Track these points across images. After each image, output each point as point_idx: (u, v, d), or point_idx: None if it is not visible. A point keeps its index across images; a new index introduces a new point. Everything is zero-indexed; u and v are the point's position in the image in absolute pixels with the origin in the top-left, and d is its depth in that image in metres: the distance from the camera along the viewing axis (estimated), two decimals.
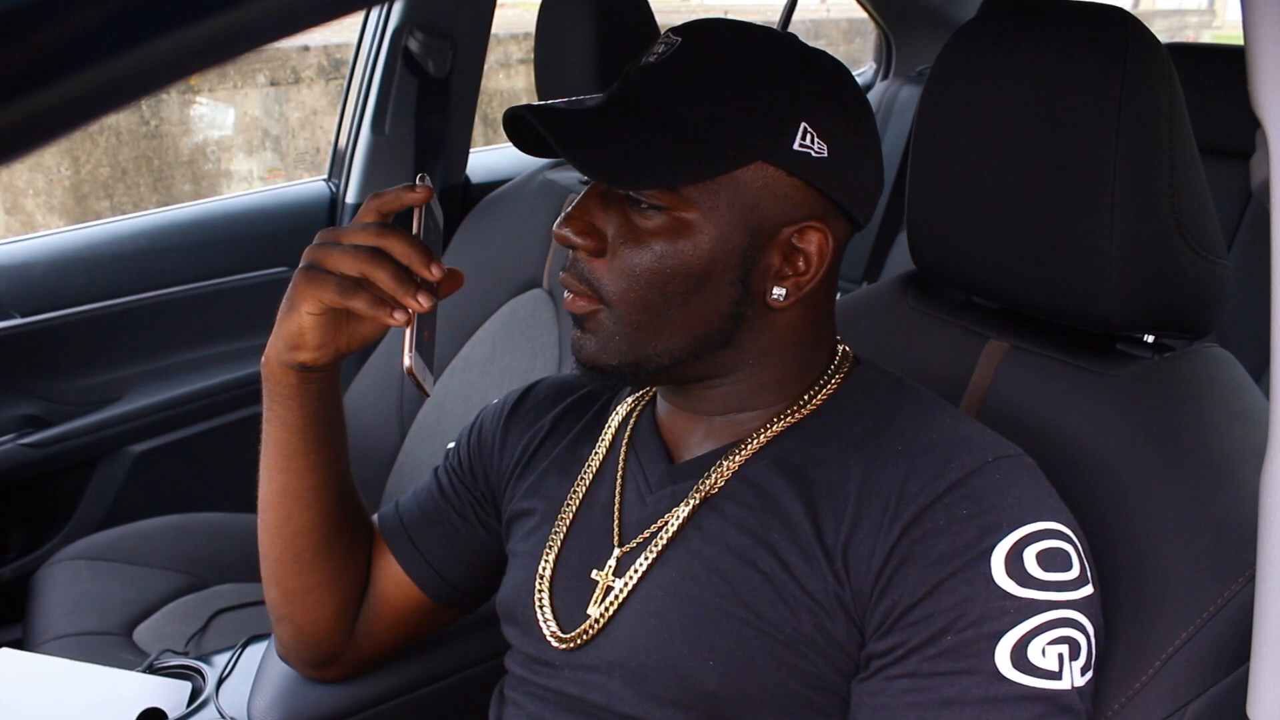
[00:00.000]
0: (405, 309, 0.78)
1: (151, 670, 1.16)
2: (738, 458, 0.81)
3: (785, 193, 0.75)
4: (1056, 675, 0.68)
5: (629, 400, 0.92)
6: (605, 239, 0.76)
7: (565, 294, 0.79)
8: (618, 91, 0.77)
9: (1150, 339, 0.89)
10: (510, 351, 1.63)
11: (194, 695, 1.11)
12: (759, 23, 0.80)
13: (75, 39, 0.34)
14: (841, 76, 0.78)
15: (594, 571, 0.84)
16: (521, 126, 0.78)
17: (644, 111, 0.74)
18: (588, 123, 0.74)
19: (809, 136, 0.74)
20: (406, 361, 0.78)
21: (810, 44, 0.79)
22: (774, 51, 0.76)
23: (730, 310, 0.77)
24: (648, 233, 0.75)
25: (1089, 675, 0.70)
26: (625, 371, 0.78)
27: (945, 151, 0.92)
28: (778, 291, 0.77)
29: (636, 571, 0.81)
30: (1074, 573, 0.70)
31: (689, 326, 0.77)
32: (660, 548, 0.81)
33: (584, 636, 0.82)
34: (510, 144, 0.80)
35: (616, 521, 0.85)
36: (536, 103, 0.75)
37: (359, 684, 1.04)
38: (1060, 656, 0.68)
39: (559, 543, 0.87)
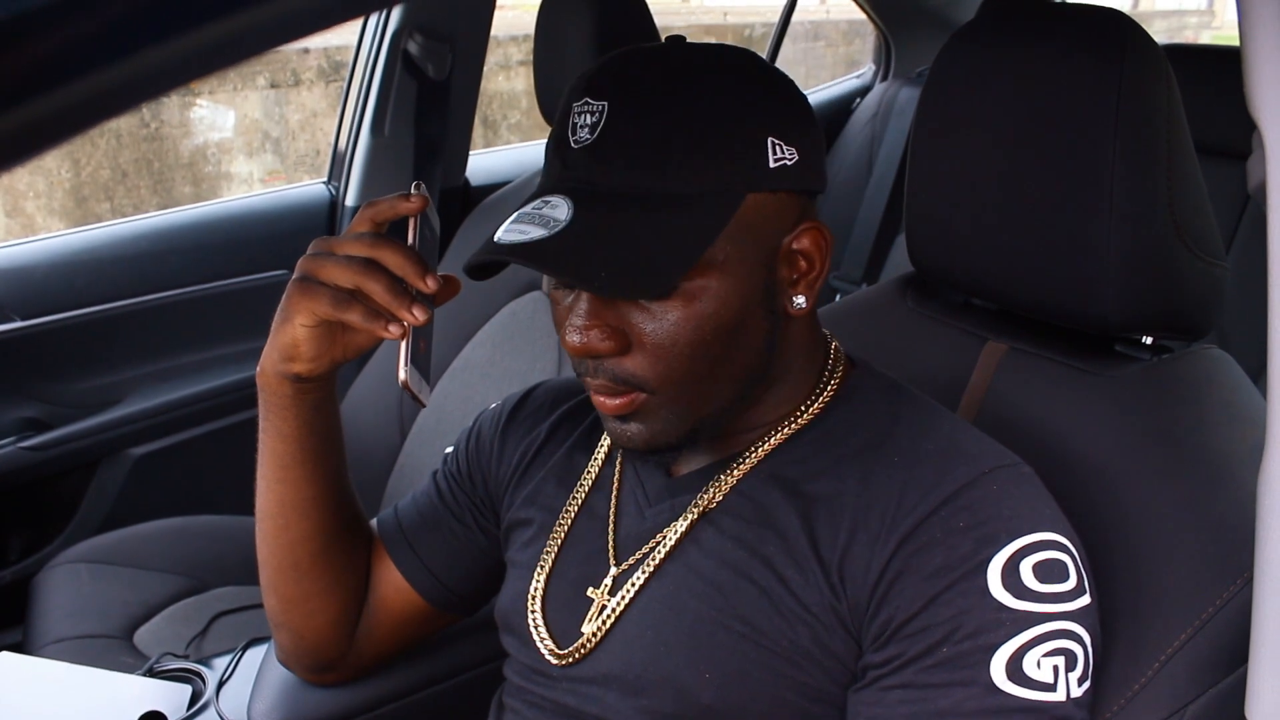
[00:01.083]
0: (400, 321, 0.77)
1: (152, 673, 1.16)
2: (736, 472, 0.80)
3: (774, 209, 0.74)
4: (1051, 687, 0.68)
5: None
6: (625, 334, 0.73)
7: (594, 398, 0.76)
8: (573, 186, 0.71)
9: (1149, 340, 0.89)
10: (510, 354, 1.63)
11: (194, 698, 1.12)
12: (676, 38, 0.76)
13: (78, 44, 0.34)
14: (764, 68, 0.75)
15: (590, 589, 0.84)
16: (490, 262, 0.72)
17: (617, 202, 0.70)
18: (579, 242, 0.68)
19: (778, 149, 0.72)
20: (401, 374, 0.76)
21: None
22: (706, 76, 0.72)
23: (765, 341, 0.76)
24: (671, 309, 0.72)
25: (1086, 685, 0.70)
26: (685, 441, 0.77)
27: (944, 153, 0.92)
28: (799, 300, 0.77)
29: (633, 587, 0.81)
30: (1071, 584, 0.70)
31: (735, 374, 0.76)
32: (657, 562, 0.81)
33: (579, 653, 0.82)
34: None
35: (612, 538, 0.85)
36: (506, 241, 0.69)
37: (359, 687, 1.04)
38: (1056, 668, 0.68)
39: (552, 558, 0.87)
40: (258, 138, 4.97)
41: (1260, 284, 0.65)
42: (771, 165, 0.72)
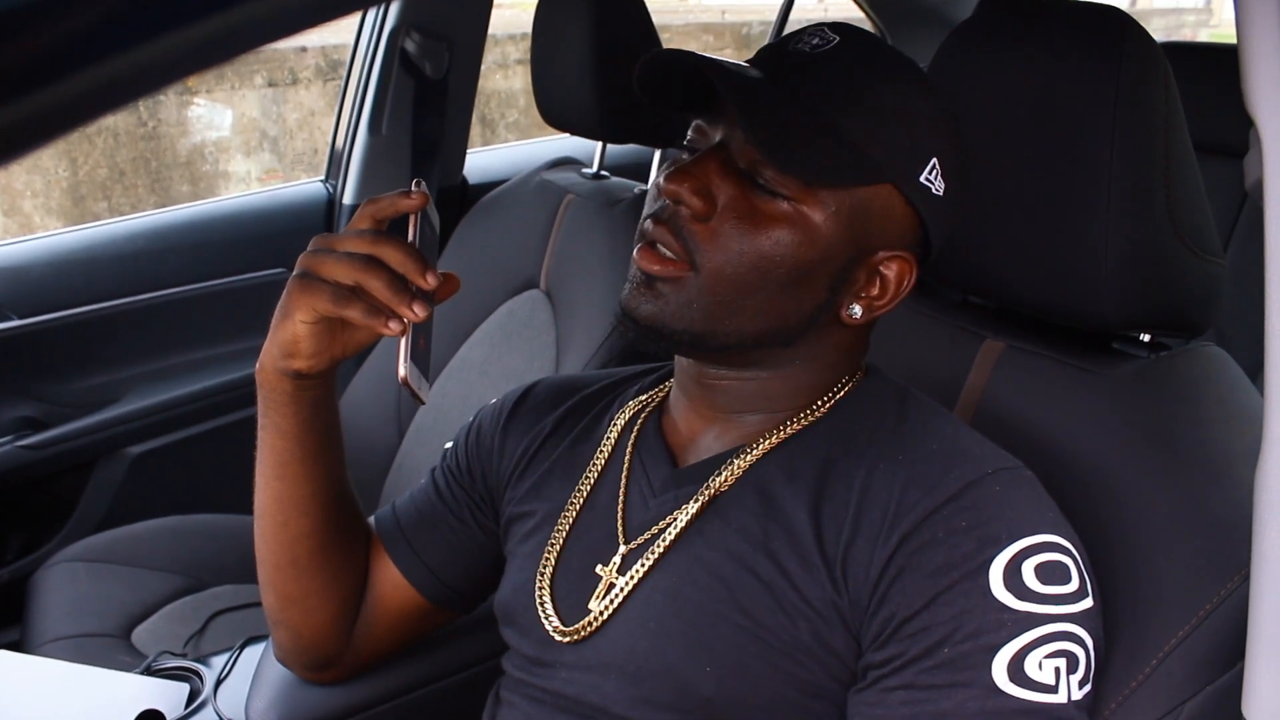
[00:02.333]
0: (400, 318, 0.77)
1: (149, 672, 1.16)
2: (745, 459, 0.81)
3: (896, 218, 0.77)
4: (1053, 689, 0.68)
5: (632, 404, 0.92)
6: (715, 205, 0.75)
7: (638, 253, 0.77)
8: (774, 70, 0.76)
9: (1146, 338, 0.89)
10: (508, 352, 1.63)
11: (192, 697, 1.11)
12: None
13: (73, 39, 0.34)
14: (959, 123, 0.81)
15: (598, 566, 0.84)
16: (658, 76, 0.78)
17: (803, 100, 0.75)
18: (755, 91, 0.74)
19: (935, 172, 0.76)
20: (401, 371, 0.77)
21: None
22: (919, 81, 0.78)
23: (811, 312, 0.78)
24: (766, 215, 0.75)
25: (1087, 688, 0.70)
26: (684, 340, 0.78)
27: None
28: (856, 309, 0.79)
29: (640, 570, 0.81)
30: (1073, 586, 0.70)
31: (768, 316, 0.77)
32: (664, 548, 0.81)
33: (585, 630, 0.82)
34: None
35: (621, 521, 0.85)
36: (705, 55, 0.75)
37: (356, 686, 1.04)
38: (1057, 670, 0.68)
39: (560, 543, 0.87)
40: (255, 136, 4.96)
41: (1258, 281, 0.65)
42: (920, 179, 0.76)
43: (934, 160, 0.76)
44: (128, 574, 1.54)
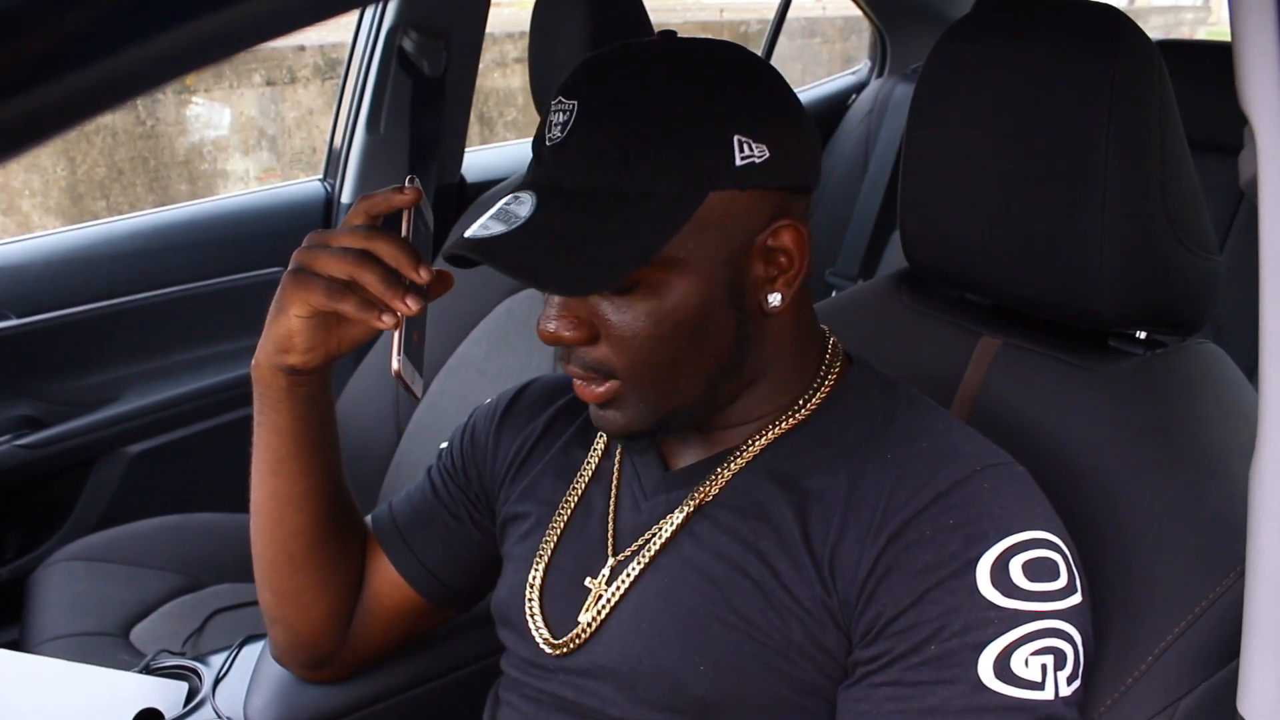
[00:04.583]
0: (393, 312, 0.78)
1: (148, 671, 1.16)
2: (733, 465, 0.81)
3: (744, 207, 0.73)
4: (1039, 686, 0.68)
5: None
6: (593, 325, 0.75)
7: (575, 391, 0.79)
8: (541, 182, 0.73)
9: (1143, 335, 0.89)
10: (506, 351, 1.63)
11: (190, 695, 1.11)
12: (648, 41, 0.75)
13: (70, 37, 0.34)
14: (745, 63, 0.75)
15: (587, 579, 0.84)
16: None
17: (576, 200, 0.71)
18: (531, 239, 0.70)
19: (745, 146, 0.71)
20: (394, 364, 0.78)
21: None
22: (674, 76, 0.72)
23: (735, 336, 0.77)
24: (633, 303, 0.73)
25: (1076, 684, 0.70)
26: (657, 430, 0.79)
27: (938, 149, 0.92)
28: (774, 297, 0.76)
29: (628, 578, 0.81)
30: (1061, 582, 0.70)
31: (703, 368, 0.77)
32: (653, 554, 0.81)
33: (575, 642, 0.83)
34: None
35: (611, 529, 0.85)
36: (468, 236, 0.72)
37: (354, 684, 1.04)
38: (1044, 667, 0.68)
39: (550, 549, 0.87)
40: (253, 135, 4.96)
41: (1255, 278, 0.65)
42: (738, 163, 0.71)
43: (736, 138, 0.71)
44: (126, 573, 1.55)
